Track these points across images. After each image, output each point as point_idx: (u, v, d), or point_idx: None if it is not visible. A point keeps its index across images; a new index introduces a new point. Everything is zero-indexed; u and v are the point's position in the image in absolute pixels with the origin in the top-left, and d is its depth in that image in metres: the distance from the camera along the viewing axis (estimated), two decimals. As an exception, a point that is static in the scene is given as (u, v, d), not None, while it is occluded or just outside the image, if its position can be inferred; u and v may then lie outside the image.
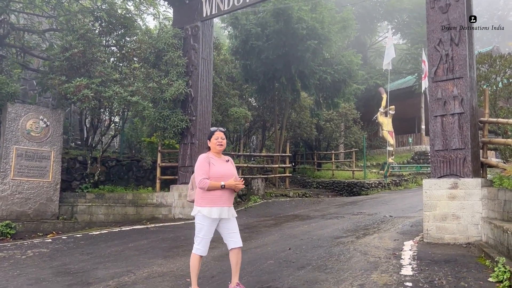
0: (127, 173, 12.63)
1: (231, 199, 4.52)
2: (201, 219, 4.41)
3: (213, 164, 4.43)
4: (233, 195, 4.57)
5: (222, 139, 4.55)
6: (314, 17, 14.23)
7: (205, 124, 11.87)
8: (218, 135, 4.54)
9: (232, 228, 4.51)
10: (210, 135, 4.59)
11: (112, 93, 10.33)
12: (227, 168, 4.51)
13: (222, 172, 4.43)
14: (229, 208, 4.48)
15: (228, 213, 4.46)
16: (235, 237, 4.51)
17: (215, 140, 4.53)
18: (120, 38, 12.14)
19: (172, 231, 9.03)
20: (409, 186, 20.11)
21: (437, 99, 7.38)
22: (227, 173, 4.47)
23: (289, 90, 16.23)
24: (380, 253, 6.37)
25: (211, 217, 4.35)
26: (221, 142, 4.53)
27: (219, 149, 4.53)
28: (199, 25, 11.98)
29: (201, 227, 4.41)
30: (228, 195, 4.47)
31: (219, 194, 4.39)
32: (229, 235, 4.51)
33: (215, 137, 4.54)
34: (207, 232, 4.42)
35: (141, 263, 6.20)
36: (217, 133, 4.55)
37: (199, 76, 11.75)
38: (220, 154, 4.60)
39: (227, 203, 4.45)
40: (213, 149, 4.57)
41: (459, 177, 6.95)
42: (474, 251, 6.25)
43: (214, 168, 4.41)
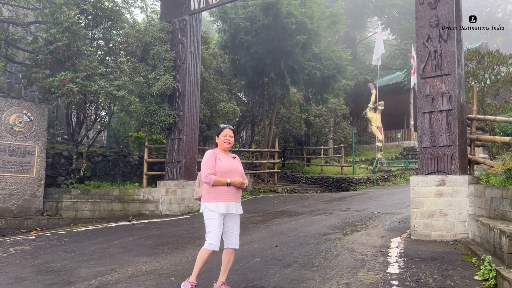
0: (114, 168, 12.46)
1: (238, 195, 4.51)
2: (209, 214, 4.38)
3: (219, 159, 4.43)
4: (240, 191, 4.56)
5: (231, 136, 4.54)
6: (304, 12, 14.13)
7: (193, 119, 11.74)
8: (226, 132, 4.53)
9: (232, 228, 4.50)
10: (219, 132, 4.58)
11: (98, 87, 10.15)
12: (233, 164, 4.50)
13: (228, 168, 4.41)
14: (236, 203, 4.47)
15: (236, 209, 4.45)
16: (234, 237, 4.50)
17: (223, 137, 4.52)
18: (106, 32, 11.92)
19: (158, 228, 8.92)
20: (397, 181, 20.19)
21: (425, 96, 7.35)
22: (234, 169, 4.45)
23: (278, 85, 16.14)
24: (367, 250, 6.33)
25: (219, 212, 4.33)
26: (229, 140, 4.52)
27: (226, 146, 4.53)
28: (187, 18, 11.81)
29: (211, 222, 4.37)
30: (235, 191, 4.46)
31: (225, 190, 4.38)
32: (228, 234, 4.49)
33: (223, 134, 4.53)
34: (218, 226, 4.36)
35: (126, 261, 6.09)
36: (226, 130, 4.55)
37: (187, 71, 11.60)
38: (227, 151, 4.59)
39: (234, 198, 4.44)
40: (220, 146, 4.56)
41: (446, 174, 6.94)
42: (460, 248, 6.25)
43: (220, 163, 4.40)
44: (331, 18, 16.72)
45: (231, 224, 4.49)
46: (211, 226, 4.37)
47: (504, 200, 5.78)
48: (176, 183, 11.20)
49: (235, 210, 4.45)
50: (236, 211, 4.45)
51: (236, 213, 4.48)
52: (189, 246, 6.96)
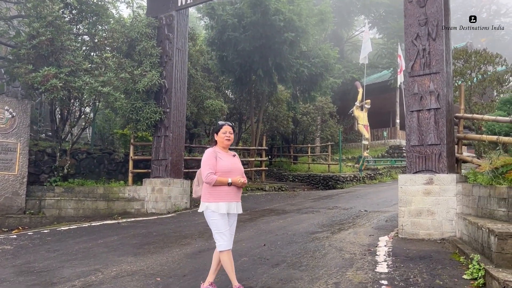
0: (98, 166, 12.25)
1: (238, 194, 4.44)
2: (210, 215, 4.31)
3: (220, 158, 4.34)
4: (241, 190, 4.50)
5: (230, 133, 4.45)
6: (292, 9, 14.05)
7: (180, 116, 11.59)
8: (226, 129, 4.44)
9: (233, 229, 4.46)
10: (218, 129, 4.47)
11: (82, 83, 9.94)
12: (234, 163, 4.42)
13: (229, 167, 4.34)
14: (237, 203, 4.41)
15: (237, 208, 4.40)
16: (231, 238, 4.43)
17: (223, 134, 4.43)
18: (91, 27, 11.69)
19: (144, 227, 8.78)
20: (384, 179, 20.29)
21: (414, 94, 7.34)
22: (234, 168, 4.38)
23: (266, 82, 16.05)
24: (355, 249, 6.30)
25: (219, 212, 4.26)
26: (229, 137, 4.43)
27: (227, 143, 4.43)
28: (174, 14, 11.65)
29: (216, 222, 4.29)
30: (236, 191, 4.39)
31: (227, 190, 4.31)
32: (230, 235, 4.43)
33: (223, 131, 4.43)
34: (223, 225, 4.29)
35: (110, 261, 5.96)
36: (225, 127, 4.45)
37: (174, 67, 11.45)
38: (227, 149, 4.51)
39: (235, 198, 4.37)
40: (220, 144, 4.46)
41: (434, 173, 6.95)
42: (448, 247, 6.25)
43: (221, 162, 4.32)
44: (319, 15, 16.68)
45: (230, 224, 4.43)
46: (217, 227, 4.29)
47: (492, 199, 5.79)
48: (162, 181, 11.05)
49: (236, 210, 4.39)
50: (236, 211, 4.40)
51: (236, 213, 4.43)
52: (175, 246, 6.85)
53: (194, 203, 12.12)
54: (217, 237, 4.30)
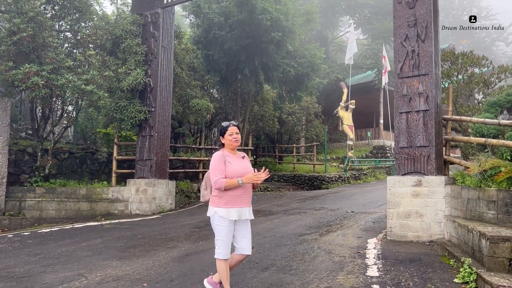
0: (81, 166, 11.96)
1: (250, 198, 4.20)
2: (218, 220, 4.05)
3: (229, 162, 4.08)
4: (251, 193, 4.23)
5: (237, 133, 4.19)
6: (279, 9, 13.97)
7: (165, 115, 11.40)
8: (232, 130, 4.16)
9: (243, 232, 4.18)
10: (224, 131, 4.19)
11: (65, 81, 9.69)
12: (244, 166, 4.15)
13: (239, 171, 4.06)
14: (249, 208, 4.17)
15: (249, 214, 4.16)
16: (246, 243, 4.19)
17: (229, 136, 4.15)
18: (74, 23, 11.41)
19: (128, 229, 8.58)
20: (368, 180, 20.40)
21: (403, 96, 7.32)
22: (245, 171, 4.09)
23: (252, 82, 15.95)
24: (344, 251, 6.25)
25: (229, 219, 4.03)
26: (237, 138, 4.17)
27: (235, 145, 4.17)
28: (160, 11, 11.45)
29: (220, 229, 4.05)
30: (248, 194, 4.16)
31: (238, 194, 4.06)
32: (240, 239, 4.18)
33: (229, 133, 4.16)
34: (227, 234, 4.07)
35: (94, 265, 5.77)
36: (231, 128, 4.17)
37: (159, 65, 11.25)
38: (235, 151, 4.24)
39: (246, 203, 4.13)
40: (228, 146, 4.19)
41: (423, 175, 6.94)
42: (437, 249, 6.24)
43: (231, 166, 4.06)
44: (306, 15, 16.65)
45: (241, 228, 4.17)
46: (220, 234, 4.06)
47: (481, 201, 5.80)
48: (147, 181, 10.84)
49: (248, 216, 4.16)
50: (249, 216, 4.17)
51: (248, 219, 4.18)
52: (161, 249, 6.69)
53: (179, 204, 11.95)
54: (218, 243, 4.09)
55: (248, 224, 4.22)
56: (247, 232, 4.18)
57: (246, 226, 4.19)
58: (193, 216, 10.21)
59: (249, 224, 4.23)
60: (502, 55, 46.92)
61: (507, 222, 5.36)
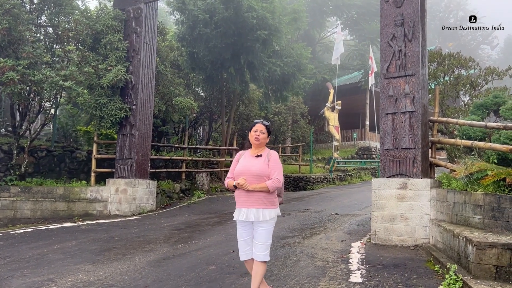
0: (59, 164, 11.59)
1: (257, 200, 3.89)
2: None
3: (240, 161, 4.09)
4: (259, 195, 3.90)
5: (262, 132, 4.06)
6: (265, 7, 13.75)
7: (147, 113, 11.10)
8: (257, 128, 4.07)
9: (257, 238, 3.96)
10: (250, 127, 4.14)
11: (42, 77, 9.35)
12: (247, 165, 3.98)
13: (240, 170, 3.99)
14: (257, 210, 3.89)
15: (255, 216, 3.89)
16: (256, 248, 3.97)
17: (253, 132, 4.08)
18: (53, 17, 11.04)
19: (105, 230, 8.28)
20: (353, 181, 20.33)
21: (389, 96, 7.17)
22: (244, 170, 3.96)
23: (238, 81, 15.70)
24: (327, 256, 6.06)
25: (238, 219, 4.00)
26: (258, 136, 4.04)
27: (255, 143, 4.06)
28: (142, 7, 11.14)
29: (236, 228, 4.10)
30: (247, 195, 3.91)
31: (237, 194, 4.01)
32: (255, 244, 3.99)
33: (254, 130, 4.09)
34: (240, 234, 4.04)
35: (66, 269, 5.49)
36: (257, 126, 4.09)
37: (141, 62, 10.94)
38: (259, 149, 4.09)
39: (251, 204, 3.90)
40: (251, 142, 4.13)
41: (408, 177, 6.79)
42: (422, 254, 6.09)
43: (238, 165, 4.06)
44: (293, 14, 16.46)
45: (256, 232, 3.98)
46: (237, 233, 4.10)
47: (467, 205, 5.66)
48: (127, 181, 10.53)
49: (254, 218, 3.89)
50: (255, 218, 3.89)
51: (260, 221, 3.92)
52: (138, 252, 6.42)
53: (160, 205, 11.66)
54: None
55: (264, 229, 3.95)
56: (260, 237, 3.94)
57: (261, 230, 3.95)
58: (174, 217, 9.94)
59: (264, 229, 3.95)
60: (487, 58, 47.47)
61: (493, 227, 5.23)
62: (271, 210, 3.93)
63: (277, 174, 3.93)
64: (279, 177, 3.92)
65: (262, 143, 4.07)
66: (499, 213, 5.19)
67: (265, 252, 3.94)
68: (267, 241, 3.94)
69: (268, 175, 3.92)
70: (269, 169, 3.95)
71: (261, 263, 3.94)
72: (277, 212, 4.03)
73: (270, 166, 3.96)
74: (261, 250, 3.93)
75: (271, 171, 3.94)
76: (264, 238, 3.93)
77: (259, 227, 3.94)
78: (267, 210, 3.91)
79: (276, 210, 4.01)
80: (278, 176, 3.92)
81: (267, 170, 3.94)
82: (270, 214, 3.92)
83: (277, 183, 3.91)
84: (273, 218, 3.97)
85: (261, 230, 3.93)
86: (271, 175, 3.91)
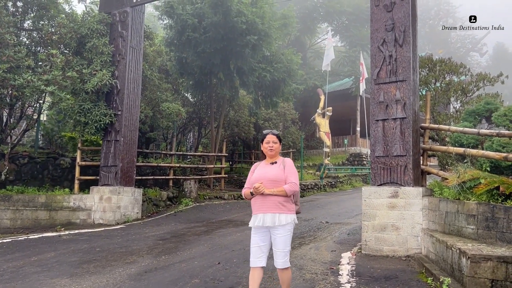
0: (42, 172, 11.23)
1: (273, 204, 3.94)
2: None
3: (256, 170, 4.16)
4: (275, 199, 3.93)
5: (274, 143, 4.12)
6: (255, 12, 13.58)
7: (132, 119, 10.82)
8: (269, 139, 4.13)
9: (276, 245, 3.98)
10: (262, 139, 4.21)
11: (23, 81, 9.04)
12: (264, 172, 4.07)
13: (256, 178, 4.07)
14: (273, 214, 3.93)
15: (272, 221, 3.92)
16: (277, 255, 3.99)
17: (266, 144, 4.14)
18: (37, 20, 10.76)
19: (87, 240, 7.97)
20: (344, 187, 20.15)
21: (379, 103, 6.99)
22: (261, 177, 4.03)
23: (227, 86, 15.50)
24: (316, 267, 5.83)
25: (254, 226, 4.02)
26: (272, 147, 4.11)
27: (270, 154, 4.14)
28: (129, 10, 10.90)
29: (251, 235, 4.11)
30: (267, 201, 3.94)
31: (253, 201, 4.04)
32: (274, 252, 4.02)
33: (266, 141, 4.14)
34: (254, 241, 4.05)
35: (41, 283, 5.19)
36: (268, 137, 4.15)
37: (127, 67, 10.67)
38: (272, 158, 4.16)
39: (267, 208, 3.93)
40: (265, 153, 4.20)
41: (399, 186, 6.59)
42: (414, 265, 5.89)
43: (254, 174, 4.14)
44: (283, 20, 16.31)
45: (274, 240, 3.99)
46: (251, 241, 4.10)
47: (460, 215, 5.47)
48: (111, 189, 10.22)
49: (270, 223, 3.92)
50: (271, 223, 3.91)
51: (276, 226, 3.93)
52: (119, 264, 6.14)
53: (146, 213, 11.36)
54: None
55: (282, 235, 3.95)
56: (279, 245, 3.95)
57: (279, 237, 3.95)
58: (159, 226, 9.65)
59: (282, 236, 3.95)
60: (477, 65, 47.84)
61: (487, 237, 5.04)
62: (287, 215, 3.95)
63: (293, 179, 4.00)
64: (295, 181, 3.99)
65: (276, 153, 4.15)
66: (493, 223, 5.01)
67: (284, 259, 3.96)
68: (285, 247, 3.95)
69: (284, 180, 4.00)
70: (285, 174, 4.03)
71: (284, 270, 4.00)
72: (294, 218, 4.03)
73: (286, 171, 4.04)
74: (280, 257, 3.96)
75: (287, 175, 4.02)
76: (282, 245, 3.95)
77: (276, 235, 3.96)
78: (283, 215, 3.94)
79: (292, 215, 4.01)
80: (294, 180, 3.99)
81: (283, 175, 4.02)
82: (287, 219, 3.94)
83: (294, 186, 3.97)
84: (290, 223, 3.97)
85: (278, 238, 3.95)
86: (288, 180, 3.99)
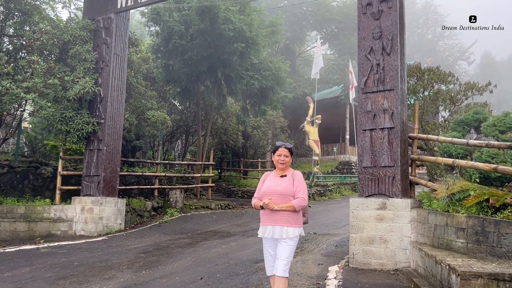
0: (22, 181, 10.90)
1: (282, 218, 4.02)
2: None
3: (265, 181, 4.24)
4: (284, 213, 4.02)
5: (286, 156, 4.17)
6: (242, 19, 13.44)
7: (116, 128, 10.56)
8: (281, 152, 4.18)
9: (280, 253, 4.04)
10: (274, 151, 4.27)
11: (1, 88, 8.76)
12: (273, 185, 4.15)
13: (265, 190, 4.15)
14: (282, 227, 4.01)
15: (280, 234, 4.01)
16: (277, 263, 4.04)
17: (277, 157, 4.20)
18: (19, 27, 10.50)
19: (66, 254, 7.67)
20: (333, 196, 19.98)
21: (367, 112, 6.84)
22: (270, 190, 4.11)
23: (215, 94, 15.30)
24: (302, 282, 5.63)
25: (263, 236, 4.13)
26: (284, 161, 4.16)
27: (280, 167, 4.19)
28: (113, 17, 10.68)
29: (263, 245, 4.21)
30: (271, 213, 4.04)
31: (263, 212, 4.12)
32: (277, 259, 4.07)
33: (277, 154, 4.20)
34: (266, 251, 4.18)
35: (11, 302, 4.92)
36: (280, 150, 4.19)
37: (111, 74, 10.43)
38: (282, 170, 4.20)
39: (276, 221, 4.02)
40: (275, 166, 4.25)
41: (387, 197, 6.43)
42: (402, 279, 5.71)
43: (263, 185, 4.21)
44: (271, 27, 16.21)
45: (279, 248, 4.07)
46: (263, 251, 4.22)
47: (449, 228, 5.31)
48: (94, 199, 9.93)
49: (278, 235, 4.00)
50: (279, 236, 4.00)
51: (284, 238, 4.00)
52: (96, 280, 5.87)
53: (130, 224, 11.06)
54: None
55: (285, 243, 4.03)
56: (281, 252, 4.04)
57: (281, 246, 4.04)
58: (142, 238, 9.37)
59: (287, 245, 4.03)
60: (464, 74, 48.29)
61: (477, 252, 4.88)
62: (295, 229, 4.02)
63: (302, 193, 4.04)
64: (304, 196, 4.05)
65: (287, 166, 4.19)
66: (483, 237, 4.85)
67: (285, 267, 4.01)
68: (289, 257, 4.02)
69: (293, 194, 4.05)
70: (294, 189, 4.07)
71: (282, 278, 4.00)
72: (301, 231, 4.10)
73: (295, 186, 4.08)
74: (281, 265, 4.00)
75: (296, 190, 4.06)
76: (286, 253, 4.01)
77: (283, 243, 4.02)
78: (291, 228, 4.01)
79: (300, 229, 4.08)
80: (303, 195, 4.04)
81: (292, 189, 4.07)
82: (294, 232, 4.02)
83: (302, 202, 4.03)
84: (297, 236, 4.06)
85: (284, 246, 4.01)
86: (296, 194, 4.03)
